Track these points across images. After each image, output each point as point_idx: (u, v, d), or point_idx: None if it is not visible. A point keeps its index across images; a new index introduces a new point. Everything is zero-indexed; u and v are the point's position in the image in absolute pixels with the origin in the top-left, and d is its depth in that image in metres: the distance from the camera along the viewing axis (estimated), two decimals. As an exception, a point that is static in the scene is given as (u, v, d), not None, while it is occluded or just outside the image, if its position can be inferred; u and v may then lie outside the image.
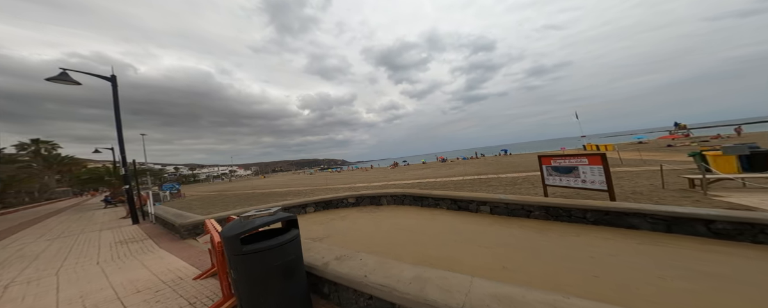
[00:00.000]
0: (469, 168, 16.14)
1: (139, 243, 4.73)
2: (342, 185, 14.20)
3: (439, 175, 13.49)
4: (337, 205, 6.47)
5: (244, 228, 1.48)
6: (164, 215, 6.23)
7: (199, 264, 3.15)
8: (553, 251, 2.56)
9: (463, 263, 2.49)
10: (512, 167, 13.92)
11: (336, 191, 9.84)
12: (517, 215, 3.65)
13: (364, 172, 33.52)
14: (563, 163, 3.98)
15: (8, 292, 2.73)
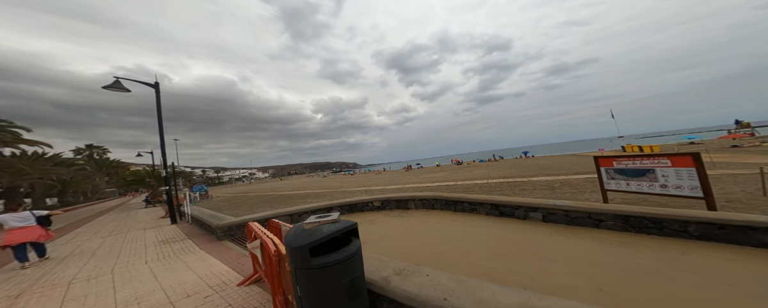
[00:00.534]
0: (491, 171, 15.33)
1: (179, 242, 4.91)
2: (358, 187, 14.14)
3: (458, 178, 12.93)
4: (362, 208, 6.33)
5: (314, 238, 1.31)
6: (200, 215, 6.49)
7: (239, 268, 3.11)
8: (666, 273, 2.11)
9: (538, 281, 2.17)
10: (541, 169, 12.97)
11: (352, 194, 9.77)
12: (582, 225, 3.20)
13: (378, 175, 33.36)
14: (633, 164, 3.42)
15: (71, 290, 2.86)
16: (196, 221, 7.01)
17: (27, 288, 2.99)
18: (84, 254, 4.67)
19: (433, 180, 13.21)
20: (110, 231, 7.14)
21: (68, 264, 4.03)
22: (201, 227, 6.22)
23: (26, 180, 15.70)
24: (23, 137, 10.60)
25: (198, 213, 6.96)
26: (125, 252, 4.49)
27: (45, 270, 3.79)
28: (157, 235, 5.94)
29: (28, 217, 4.41)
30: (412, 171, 31.60)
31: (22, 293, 2.87)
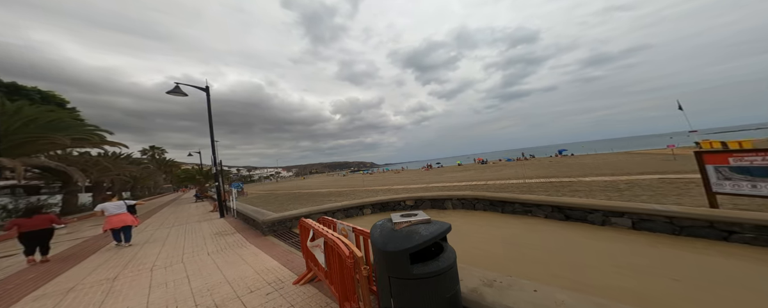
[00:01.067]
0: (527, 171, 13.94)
1: (231, 236, 5.30)
2: (380, 186, 14.09)
3: (487, 177, 12.07)
4: (393, 207, 6.20)
5: (414, 242, 1.14)
6: (244, 210, 6.98)
7: (289, 264, 3.19)
8: None
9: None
10: (589, 169, 11.48)
11: (375, 193, 9.72)
12: (698, 236, 2.62)
13: (397, 174, 33.10)
14: (762, 162, 2.62)
15: (154, 276, 3.19)
16: (240, 215, 7.59)
17: (120, 272, 3.43)
18: (157, 242, 5.31)
19: (459, 180, 12.57)
20: (172, 223, 8.08)
21: (147, 250, 4.58)
22: (246, 222, 6.69)
23: (108, 176, 18.89)
24: (106, 139, 12.69)
25: (242, 209, 7.52)
26: (189, 242, 4.97)
27: (131, 254, 4.34)
28: (210, 228, 6.52)
29: (121, 206, 5.26)
30: (433, 170, 30.71)
31: (118, 276, 3.28)
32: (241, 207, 7.58)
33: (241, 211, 7.23)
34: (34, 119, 9.22)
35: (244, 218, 6.88)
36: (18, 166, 8.44)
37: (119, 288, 2.87)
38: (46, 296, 2.76)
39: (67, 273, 3.55)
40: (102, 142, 12.50)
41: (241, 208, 7.65)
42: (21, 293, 2.87)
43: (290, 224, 5.32)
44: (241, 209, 7.39)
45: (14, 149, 8.85)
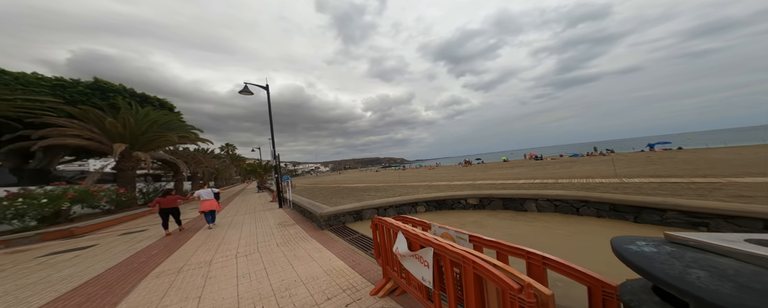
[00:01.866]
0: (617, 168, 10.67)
1: (292, 227, 5.51)
2: (418, 182, 13.32)
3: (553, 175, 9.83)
4: (452, 206, 5.44)
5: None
6: (300, 202, 7.33)
7: (358, 267, 2.93)
8: None
9: None
10: (734, 167, 7.91)
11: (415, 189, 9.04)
12: None
13: (432, 170, 31.48)
14: None
15: (239, 265, 3.35)
16: (296, 207, 8.10)
17: (213, 256, 3.77)
18: (236, 227, 5.96)
19: (514, 177, 10.67)
20: (244, 211, 9.22)
21: (230, 235, 5.10)
22: (302, 213, 7.01)
23: (200, 168, 23.88)
24: (199, 137, 15.75)
25: (297, 200, 7.98)
26: (259, 230, 5.35)
27: (220, 238, 4.84)
28: (273, 217, 7.07)
29: (210, 193, 6.31)
30: (474, 167, 27.87)
31: (212, 260, 3.59)
32: (297, 199, 8.02)
33: (297, 203, 7.62)
34: (156, 120, 11.95)
35: (301, 210, 7.21)
36: (147, 158, 11.18)
37: (214, 273, 3.08)
38: (164, 274, 3.14)
39: (178, 252, 4.14)
40: (197, 139, 15.63)
41: (296, 200, 8.12)
42: (148, 268, 3.38)
43: (344, 219, 5.24)
44: (297, 200, 7.80)
45: (144, 144, 11.72)
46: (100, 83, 12.02)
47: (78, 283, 2.94)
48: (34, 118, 9.28)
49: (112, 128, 10.52)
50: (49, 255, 4.56)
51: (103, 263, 3.76)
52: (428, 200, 5.69)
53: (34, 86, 9.73)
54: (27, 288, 2.88)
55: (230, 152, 54.10)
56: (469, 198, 5.20)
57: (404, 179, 19.22)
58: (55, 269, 3.63)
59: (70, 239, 6.20)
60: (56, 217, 7.81)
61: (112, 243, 5.23)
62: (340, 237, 4.39)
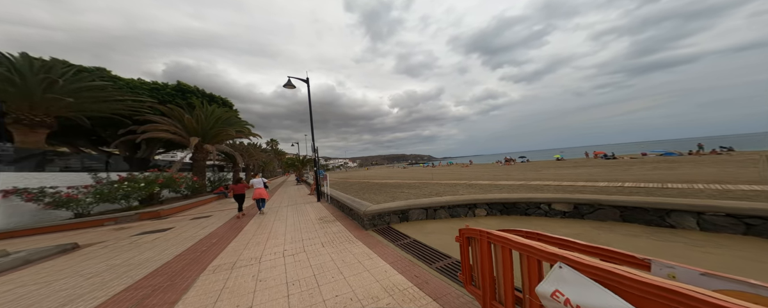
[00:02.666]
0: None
1: (333, 224, 5.18)
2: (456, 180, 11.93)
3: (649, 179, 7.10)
4: (526, 210, 4.27)
5: None
6: (338, 197, 7.08)
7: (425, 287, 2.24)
8: None
9: None
10: None
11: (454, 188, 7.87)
12: None
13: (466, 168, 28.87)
14: None
15: (287, 266, 3.03)
16: (334, 201, 7.96)
17: (263, 252, 3.61)
18: (282, 220, 5.93)
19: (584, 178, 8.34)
20: (287, 202, 9.52)
21: (277, 228, 5.05)
22: (341, 209, 6.72)
23: (252, 160, 27.22)
24: (251, 132, 17.61)
25: (336, 195, 7.81)
26: (303, 226, 5.16)
27: (268, 230, 4.80)
28: (314, 212, 6.98)
29: (261, 182, 7.14)
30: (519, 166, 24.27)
31: (261, 257, 3.40)
32: (335, 194, 7.82)
33: (335, 197, 7.39)
34: (220, 117, 13.67)
35: (340, 205, 6.94)
36: (214, 150, 12.87)
37: (264, 275, 2.81)
38: (220, 269, 3.03)
39: (233, 243, 4.17)
40: (250, 133, 17.55)
41: (334, 194, 7.94)
42: (207, 259, 3.37)
43: (388, 219, 4.67)
44: (335, 195, 7.59)
45: (211, 138, 13.52)
46: (181, 86, 14.29)
47: (150, 269, 3.04)
48: (139, 115, 11.46)
49: (189, 124, 12.33)
50: (139, 234, 5.22)
51: (174, 248, 3.97)
52: (490, 201, 4.61)
53: (138, 89, 12.01)
54: (112, 270, 3.06)
55: (273, 146, 60.73)
56: (554, 203, 3.94)
57: (437, 176, 17.90)
58: (139, 250, 3.96)
59: (157, 219, 7.28)
60: (151, 199, 9.50)
61: (184, 228, 5.77)
62: (387, 239, 3.83)
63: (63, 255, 3.87)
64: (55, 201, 6.61)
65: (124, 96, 10.55)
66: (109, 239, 4.90)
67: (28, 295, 2.45)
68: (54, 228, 6.18)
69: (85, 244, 4.57)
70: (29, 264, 3.38)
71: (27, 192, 6.33)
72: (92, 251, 4.07)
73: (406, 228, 4.36)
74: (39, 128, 8.25)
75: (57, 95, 8.11)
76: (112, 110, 10.31)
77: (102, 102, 9.79)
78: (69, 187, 7.29)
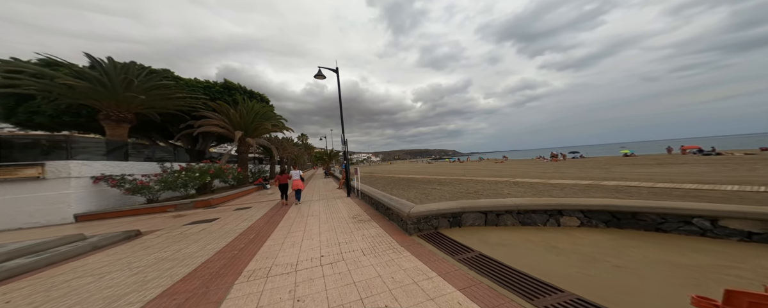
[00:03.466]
0: None
1: (368, 224, 4.59)
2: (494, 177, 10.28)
3: None
4: (658, 225, 2.98)
5: None
6: (372, 194, 6.47)
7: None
8: None
9: None
10: None
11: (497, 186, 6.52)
12: None
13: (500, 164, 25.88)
14: None
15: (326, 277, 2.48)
16: (365, 197, 7.45)
17: (298, 257, 3.18)
18: (314, 216, 5.63)
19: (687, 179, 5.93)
20: (318, 197, 9.33)
21: (311, 225, 4.70)
22: (375, 207, 6.08)
23: (285, 154, 29.25)
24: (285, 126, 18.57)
25: (368, 191, 7.26)
26: (337, 224, 4.69)
27: (303, 228, 4.47)
28: (346, 208, 6.54)
29: (298, 174, 7.65)
30: (571, 162, 20.41)
31: (297, 263, 2.94)
32: (367, 190, 7.26)
33: (368, 194, 6.82)
34: (259, 112, 14.57)
35: (373, 202, 6.36)
36: (254, 143, 13.80)
37: (301, 292, 2.31)
38: (254, 276, 2.67)
39: (269, 242, 3.91)
40: (283, 127, 18.51)
41: (366, 190, 7.41)
42: (243, 260, 3.10)
43: (436, 223, 3.91)
44: (368, 191, 7.01)
45: (252, 132, 14.52)
46: (227, 83, 15.55)
47: (190, 268, 2.88)
48: (195, 112, 12.80)
49: (234, 118, 13.33)
50: (190, 223, 5.48)
51: (216, 242, 3.90)
52: (588, 208, 3.37)
53: (194, 88, 13.40)
54: (158, 266, 2.97)
55: (304, 141, 64.81)
56: (723, 217, 2.54)
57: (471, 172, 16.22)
58: (186, 242, 3.98)
59: (207, 208, 7.83)
60: (204, 188, 10.53)
61: (228, 219, 5.92)
62: (442, 251, 3.06)
63: (126, 243, 4.07)
64: (132, 188, 7.59)
65: (184, 94, 11.79)
66: (165, 227, 5.21)
67: (77, 290, 2.40)
68: (131, 212, 7.09)
69: (146, 231, 4.89)
70: (96, 251, 3.58)
71: (111, 179, 7.38)
72: (148, 240, 4.23)
73: (460, 236, 3.54)
74: (123, 123, 9.68)
75: (133, 93, 9.32)
76: (175, 106, 11.62)
77: (167, 99, 11.06)
78: (143, 175, 8.35)
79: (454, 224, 3.95)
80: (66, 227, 6.03)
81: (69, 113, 10.63)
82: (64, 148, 6.85)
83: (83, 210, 6.76)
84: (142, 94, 9.56)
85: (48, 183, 6.42)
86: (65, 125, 11.65)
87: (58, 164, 6.55)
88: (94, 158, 7.53)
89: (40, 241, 3.33)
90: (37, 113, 10.58)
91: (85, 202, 6.94)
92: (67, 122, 11.27)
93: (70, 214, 6.49)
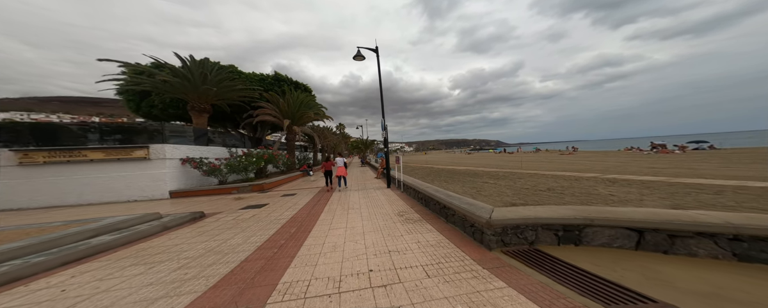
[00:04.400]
0: None
1: (421, 226, 3.61)
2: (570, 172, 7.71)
3: None
4: None
5: None
6: (418, 186, 5.44)
7: None
8: None
9: None
10: None
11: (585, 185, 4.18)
12: None
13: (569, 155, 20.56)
14: None
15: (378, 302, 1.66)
16: (408, 189, 6.39)
17: (340, 269, 2.47)
18: (354, 208, 5.06)
19: None
20: (357, 186, 8.82)
21: (352, 220, 4.10)
22: (425, 204, 5.05)
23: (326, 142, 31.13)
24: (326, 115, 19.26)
25: (412, 183, 6.28)
26: (383, 222, 3.88)
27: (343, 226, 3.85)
28: (388, 203, 5.70)
29: (342, 161, 7.79)
30: (693, 155, 14.09)
31: (341, 281, 2.21)
32: (414, 183, 6.20)
33: (414, 187, 5.77)
34: (303, 101, 15.25)
35: (421, 197, 5.32)
36: (299, 131, 14.64)
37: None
38: (289, 292, 2.04)
39: (310, 239, 3.42)
40: (324, 116, 19.25)
41: (411, 182, 6.39)
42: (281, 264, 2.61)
43: (533, 237, 2.67)
44: (414, 184, 5.96)
45: (297, 120, 15.41)
46: (277, 75, 16.85)
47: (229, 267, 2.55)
48: (254, 102, 14.25)
49: (283, 107, 14.30)
50: (244, 208, 5.73)
51: (259, 234, 3.72)
52: None
53: (251, 80, 14.74)
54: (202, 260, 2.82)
55: (341, 130, 68.29)
56: None
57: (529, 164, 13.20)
58: (234, 231, 3.94)
59: (261, 192, 8.41)
60: (260, 173, 11.70)
61: (275, 205, 5.99)
62: (569, 287, 1.79)
63: (189, 225, 4.26)
64: (208, 170, 8.79)
65: (244, 85, 13.11)
66: (225, 210, 5.53)
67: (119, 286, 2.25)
68: (206, 192, 8.21)
69: (209, 213, 5.25)
70: (165, 231, 3.78)
71: (193, 161, 8.67)
72: (207, 224, 4.35)
73: (591, 263, 2.25)
74: (203, 113, 11.40)
75: (208, 85, 10.71)
76: (238, 97, 13.08)
77: (232, 91, 12.46)
78: (216, 159, 9.62)
79: (567, 241, 2.62)
80: (163, 202, 7.30)
81: (172, 106, 13.25)
82: (161, 134, 8.26)
83: (175, 188, 8.18)
84: (214, 86, 10.90)
85: (151, 163, 7.93)
86: (171, 117, 14.67)
87: (157, 147, 7.97)
88: (181, 143, 8.96)
89: (125, 218, 3.69)
90: (153, 107, 13.62)
91: (176, 181, 8.38)
92: (171, 113, 14.20)
93: (166, 190, 7.94)
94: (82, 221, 3.59)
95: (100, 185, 7.48)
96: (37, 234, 2.97)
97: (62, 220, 3.85)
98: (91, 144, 7.57)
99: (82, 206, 7.09)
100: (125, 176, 7.70)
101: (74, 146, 7.35)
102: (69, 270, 2.58)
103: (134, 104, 14.13)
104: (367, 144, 31.76)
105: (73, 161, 7.27)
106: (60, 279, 2.41)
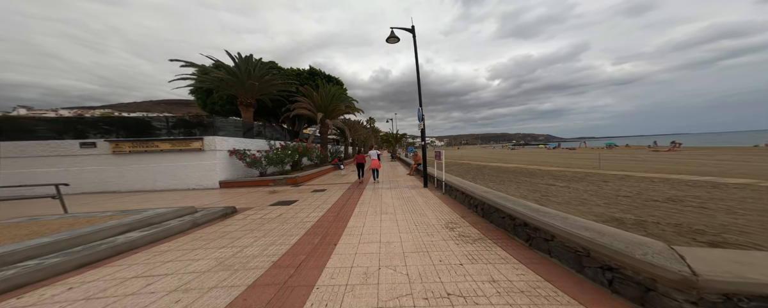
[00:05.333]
0: None
1: (487, 248, 2.45)
2: (694, 176, 4.92)
3: None
4: None
5: None
6: (474, 192, 4.13)
7: None
8: None
9: None
10: None
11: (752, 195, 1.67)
12: None
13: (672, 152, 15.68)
14: None
15: None
16: (453, 190, 5.11)
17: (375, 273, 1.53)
18: (388, 212, 4.15)
19: None
20: (388, 184, 7.90)
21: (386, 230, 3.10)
22: (480, 213, 3.83)
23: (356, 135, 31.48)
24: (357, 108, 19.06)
25: (459, 184, 4.96)
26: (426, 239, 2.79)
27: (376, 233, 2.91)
28: (428, 207, 4.58)
29: (375, 154, 8.14)
30: None
31: None
32: (466, 187, 4.85)
33: (468, 191, 4.47)
34: (335, 94, 15.23)
35: (476, 203, 4.03)
36: (331, 124, 14.75)
37: None
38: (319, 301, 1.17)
39: (335, 255, 2.65)
40: (355, 109, 19.12)
41: (459, 184, 5.08)
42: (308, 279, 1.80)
43: None
44: (468, 188, 4.64)
45: (329, 113, 15.51)
46: (312, 70, 17.60)
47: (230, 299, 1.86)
48: (291, 97, 14.90)
49: (317, 101, 14.54)
50: (274, 204, 5.51)
51: (278, 244, 3.17)
52: None
53: (289, 76, 15.49)
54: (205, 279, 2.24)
55: (371, 124, 68.78)
56: None
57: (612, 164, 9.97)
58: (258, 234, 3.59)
59: (294, 186, 8.40)
60: (296, 165, 12.09)
61: (304, 202, 5.60)
62: None
63: (217, 223, 4.07)
64: (251, 162, 9.31)
65: (283, 79, 13.74)
66: (255, 206, 5.38)
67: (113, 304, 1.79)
68: (248, 183, 8.67)
69: (241, 208, 5.13)
70: (193, 229, 3.60)
71: (238, 153, 9.28)
72: (232, 224, 4.11)
73: None
74: (249, 108, 12.35)
75: (252, 80, 11.45)
76: (278, 91, 13.78)
77: (272, 85, 13.16)
78: (257, 151, 10.18)
79: None
80: (213, 191, 7.90)
81: (229, 102, 14.97)
82: (213, 127, 9.02)
83: (224, 178, 8.90)
84: (257, 81, 11.60)
85: (205, 154, 8.74)
86: (228, 112, 16.56)
87: (209, 139, 8.73)
88: (228, 135, 9.71)
89: (163, 211, 3.65)
90: (215, 103, 15.70)
91: (225, 171, 9.11)
92: (228, 109, 16.12)
93: (216, 180, 8.68)
94: (128, 211, 3.70)
95: (169, 174, 8.68)
96: (85, 224, 3.05)
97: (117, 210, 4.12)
98: (162, 136, 8.78)
99: (155, 191, 8.31)
100: (185, 165, 8.71)
101: (149, 138, 8.61)
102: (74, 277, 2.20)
103: (202, 101, 16.56)
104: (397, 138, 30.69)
105: (149, 151, 8.56)
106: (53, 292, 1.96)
